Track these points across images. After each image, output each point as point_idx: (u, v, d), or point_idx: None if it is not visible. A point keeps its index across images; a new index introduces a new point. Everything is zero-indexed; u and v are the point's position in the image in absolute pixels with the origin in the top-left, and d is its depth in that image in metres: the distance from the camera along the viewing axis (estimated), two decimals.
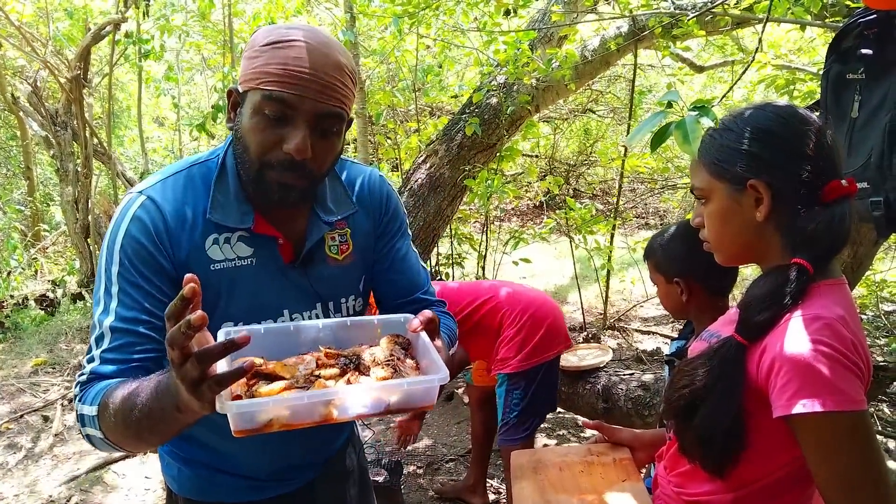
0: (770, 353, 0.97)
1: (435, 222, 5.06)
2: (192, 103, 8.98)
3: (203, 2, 5.64)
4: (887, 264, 5.40)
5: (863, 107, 1.77)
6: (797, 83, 4.44)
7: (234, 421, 0.87)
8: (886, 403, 3.91)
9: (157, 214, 1.11)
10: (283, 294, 1.20)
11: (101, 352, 1.05)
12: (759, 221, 1.04)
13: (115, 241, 1.09)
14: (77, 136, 5.86)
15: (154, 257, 1.09)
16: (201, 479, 1.30)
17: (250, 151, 1.09)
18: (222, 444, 1.26)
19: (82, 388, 1.04)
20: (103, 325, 1.05)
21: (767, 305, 1.00)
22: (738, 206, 1.06)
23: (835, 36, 1.87)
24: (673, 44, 4.76)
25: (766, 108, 1.08)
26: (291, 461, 1.33)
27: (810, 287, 1.01)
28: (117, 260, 1.08)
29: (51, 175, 8.37)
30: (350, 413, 0.94)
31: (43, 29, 6.42)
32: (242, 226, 1.15)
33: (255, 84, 1.06)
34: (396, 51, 5.75)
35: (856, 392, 0.92)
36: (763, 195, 1.03)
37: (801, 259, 1.01)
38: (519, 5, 4.17)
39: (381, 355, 1.02)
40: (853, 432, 0.91)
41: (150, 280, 1.08)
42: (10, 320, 5.75)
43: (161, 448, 1.34)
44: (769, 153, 1.03)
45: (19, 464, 3.63)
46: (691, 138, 0.83)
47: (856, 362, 0.94)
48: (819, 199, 1.03)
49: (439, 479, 3.44)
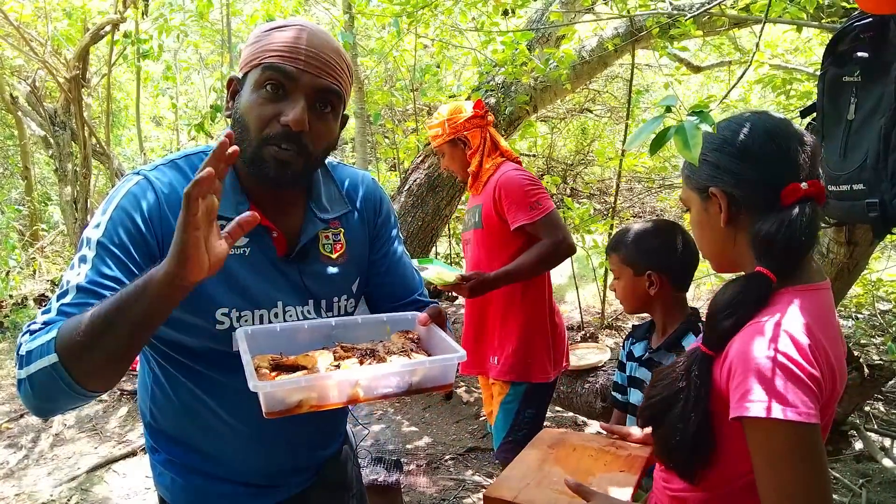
0: (729, 358, 0.98)
1: (433, 222, 5.07)
2: (190, 103, 8.97)
3: (201, 1, 5.64)
4: (883, 263, 5.43)
5: (859, 109, 1.78)
6: (794, 83, 4.46)
7: (266, 401, 0.91)
8: (882, 402, 3.94)
9: (152, 194, 1.12)
10: (276, 286, 1.21)
11: (61, 305, 1.01)
12: (723, 228, 1.07)
13: (105, 212, 1.10)
14: (75, 135, 5.87)
15: (140, 231, 1.09)
16: (196, 488, 1.28)
17: (250, 129, 1.11)
18: (215, 446, 1.25)
19: (31, 335, 0.99)
20: (69, 284, 1.03)
21: (729, 313, 1.00)
22: (707, 214, 1.09)
23: (831, 39, 1.89)
24: (670, 44, 4.78)
25: (731, 119, 1.10)
26: (283, 464, 1.31)
27: (775, 294, 1.01)
28: (102, 229, 1.08)
29: (49, 175, 8.37)
30: (375, 393, 0.99)
31: (41, 29, 6.41)
32: (237, 216, 1.16)
33: (255, 62, 1.11)
34: (395, 51, 5.76)
35: (803, 404, 0.90)
36: (720, 200, 1.06)
37: (762, 268, 1.01)
38: (517, 5, 4.18)
39: (394, 348, 1.08)
40: (796, 446, 0.90)
41: (129, 252, 1.07)
42: (10, 320, 5.76)
43: (155, 457, 1.31)
44: (725, 161, 1.05)
45: (19, 464, 3.64)
46: (691, 144, 0.85)
47: (811, 374, 0.92)
48: (778, 203, 1.02)
49: (439, 477, 3.46)
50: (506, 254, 2.38)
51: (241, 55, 1.16)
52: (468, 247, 2.59)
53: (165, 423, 1.27)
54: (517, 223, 2.31)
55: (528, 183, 2.35)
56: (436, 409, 4.42)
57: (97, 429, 4.07)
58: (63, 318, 0.99)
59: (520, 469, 1.35)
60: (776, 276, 1.00)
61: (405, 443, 3.88)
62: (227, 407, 1.21)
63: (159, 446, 1.29)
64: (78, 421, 4.18)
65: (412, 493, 3.29)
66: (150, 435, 1.31)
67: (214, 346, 1.16)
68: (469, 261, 2.59)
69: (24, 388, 0.98)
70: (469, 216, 2.59)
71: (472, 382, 4.82)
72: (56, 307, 1.02)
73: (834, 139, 1.84)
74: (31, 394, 0.98)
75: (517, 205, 2.31)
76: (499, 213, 2.37)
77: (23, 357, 0.98)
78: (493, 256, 2.40)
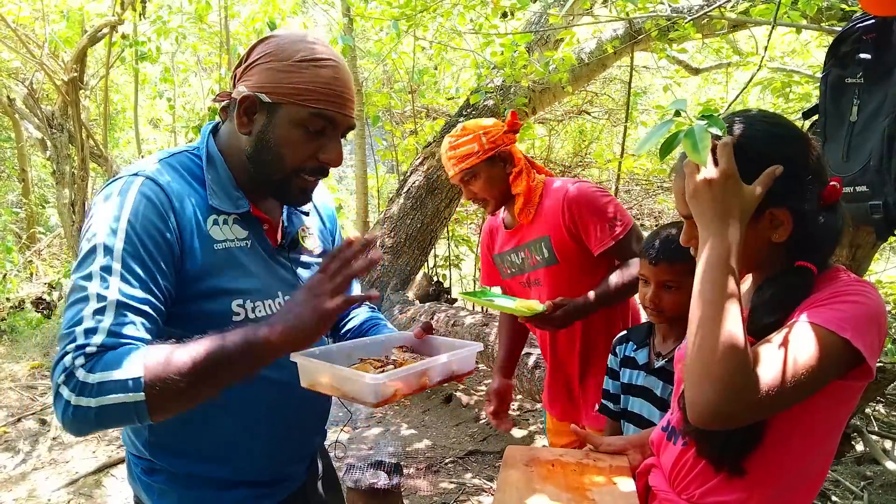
0: None
1: (432, 224, 5.07)
2: (188, 105, 8.95)
3: (199, 4, 5.63)
4: (882, 265, 5.44)
5: (861, 111, 1.78)
6: (793, 85, 4.48)
7: (375, 392, 1.08)
8: (883, 404, 3.94)
9: (163, 194, 1.12)
10: (275, 276, 1.26)
11: (109, 325, 1.01)
12: (775, 241, 1.04)
13: (120, 218, 1.07)
14: (73, 138, 5.85)
15: (164, 235, 1.10)
16: (204, 499, 1.27)
17: (285, 161, 1.18)
18: (223, 446, 1.25)
19: (88, 358, 0.98)
20: (106, 300, 1.02)
21: (775, 309, 1.01)
22: (752, 231, 1.03)
23: (833, 40, 1.89)
24: (669, 46, 4.78)
25: (755, 126, 1.06)
26: (284, 454, 1.34)
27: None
28: (122, 236, 1.06)
29: (46, 177, 8.35)
30: (433, 381, 1.20)
31: (39, 31, 6.39)
32: (238, 210, 1.21)
33: (296, 99, 1.14)
34: (393, 53, 5.75)
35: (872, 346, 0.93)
36: (785, 220, 1.02)
37: (806, 262, 1.03)
38: (516, 8, 4.18)
39: (403, 357, 1.32)
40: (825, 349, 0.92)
41: (156, 261, 1.08)
42: (7, 323, 5.73)
43: (153, 479, 1.26)
44: (783, 182, 1.01)
45: (17, 468, 3.62)
46: (700, 147, 0.84)
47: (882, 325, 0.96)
48: (820, 204, 1.04)
49: (439, 480, 3.44)
50: (594, 285, 1.95)
51: (263, 76, 1.16)
52: (533, 290, 2.11)
53: (168, 435, 1.23)
54: (604, 246, 1.90)
55: (602, 194, 1.96)
56: (435, 411, 4.41)
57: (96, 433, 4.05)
58: (115, 340, 1.00)
59: (511, 493, 1.28)
60: (817, 269, 1.03)
61: (405, 446, 3.87)
62: (234, 400, 1.21)
63: (161, 464, 1.25)
64: None
65: (412, 497, 3.27)
66: (149, 453, 1.26)
67: None
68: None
69: (84, 414, 0.96)
70: (524, 254, 2.10)
71: (470, 385, 4.81)
72: (103, 328, 1.00)
73: (836, 141, 1.83)
74: (93, 421, 0.97)
75: (599, 225, 1.91)
76: (575, 238, 1.95)
77: (87, 385, 0.96)
78: (586, 290, 1.92)
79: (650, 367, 1.65)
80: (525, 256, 2.09)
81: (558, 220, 1.96)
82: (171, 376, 0.97)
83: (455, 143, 2.02)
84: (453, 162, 2.01)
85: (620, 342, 1.78)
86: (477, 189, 2.04)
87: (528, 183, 2.03)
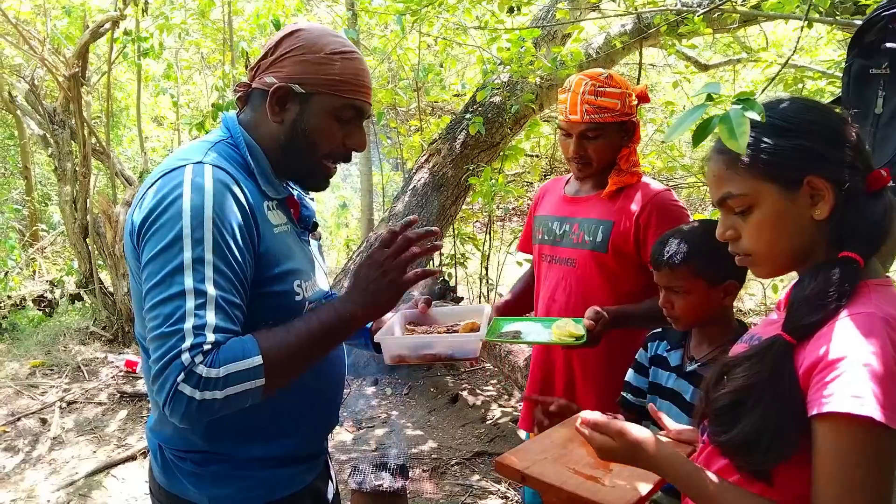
0: (813, 353, 0.92)
1: (438, 222, 5.01)
2: (192, 102, 8.90)
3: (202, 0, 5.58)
4: None
5: (887, 102, 1.72)
6: (805, 81, 4.40)
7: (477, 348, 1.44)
8: None
9: (233, 182, 1.15)
10: (306, 257, 1.34)
11: (216, 322, 1.06)
12: (816, 220, 0.98)
13: (203, 206, 1.08)
14: (75, 134, 5.80)
15: (244, 223, 1.14)
16: (263, 480, 1.28)
17: (317, 147, 1.25)
18: (292, 426, 1.30)
19: (206, 355, 1.03)
20: (207, 296, 1.05)
21: (818, 306, 0.94)
22: (792, 206, 0.98)
23: (857, 30, 1.82)
24: (678, 42, 4.70)
25: (796, 102, 1.03)
26: (328, 427, 1.43)
27: (859, 285, 0.95)
28: (210, 226, 1.08)
29: (49, 174, 8.31)
30: (472, 354, 1.47)
31: (40, 26, 6.35)
32: (279, 196, 1.28)
33: (330, 90, 1.21)
34: (398, 49, 5.70)
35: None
36: (825, 191, 0.96)
37: (850, 252, 0.95)
38: (523, 3, 4.11)
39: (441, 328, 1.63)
40: (882, 451, 0.85)
41: (241, 250, 1.12)
42: (8, 321, 5.69)
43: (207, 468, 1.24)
44: (822, 146, 0.97)
45: (16, 468, 3.57)
46: (738, 133, 0.78)
47: None
48: (864, 190, 0.98)
49: (445, 483, 3.39)
50: (625, 291, 1.85)
51: (296, 67, 1.20)
52: (553, 267, 1.98)
53: (238, 421, 1.19)
54: None
55: (685, 214, 1.89)
56: (441, 412, 4.35)
57: (96, 432, 4.00)
58: (224, 335, 1.06)
59: (542, 443, 1.35)
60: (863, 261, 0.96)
61: (410, 447, 3.81)
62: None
63: (223, 451, 1.24)
64: (77, 424, 4.11)
65: (417, 500, 3.22)
66: (208, 444, 1.23)
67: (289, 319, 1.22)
68: (560, 290, 1.95)
69: (209, 407, 1.03)
70: (571, 228, 1.95)
71: (477, 384, 4.75)
72: (210, 324, 1.05)
73: (861, 134, 1.77)
74: (216, 411, 1.05)
75: None
76: (636, 238, 1.83)
77: (212, 380, 1.02)
78: (616, 293, 1.84)
79: (682, 371, 1.60)
80: (570, 231, 1.95)
81: (634, 213, 1.84)
82: (284, 359, 1.10)
83: (600, 90, 1.83)
84: (587, 108, 1.82)
85: (654, 339, 1.73)
86: (592, 148, 1.88)
87: (632, 163, 1.92)
